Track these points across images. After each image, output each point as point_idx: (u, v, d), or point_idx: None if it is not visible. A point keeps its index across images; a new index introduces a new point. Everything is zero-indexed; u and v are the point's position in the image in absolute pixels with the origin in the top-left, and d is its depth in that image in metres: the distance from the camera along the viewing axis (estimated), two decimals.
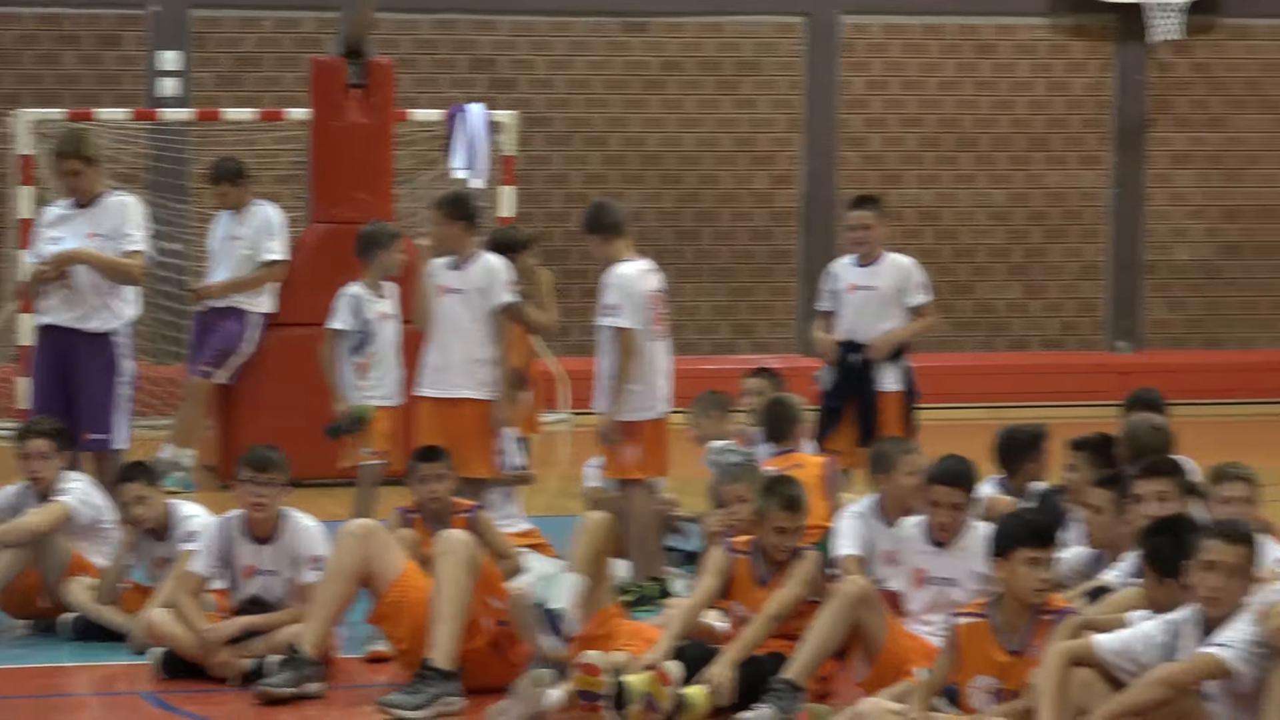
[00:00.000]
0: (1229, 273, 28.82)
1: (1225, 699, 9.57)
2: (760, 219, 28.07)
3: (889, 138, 28.27)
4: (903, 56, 28.23)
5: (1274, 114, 28.80)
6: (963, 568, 12.14)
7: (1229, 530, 9.87)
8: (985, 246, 28.37)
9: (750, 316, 28.06)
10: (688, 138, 27.90)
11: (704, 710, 11.58)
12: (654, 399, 15.12)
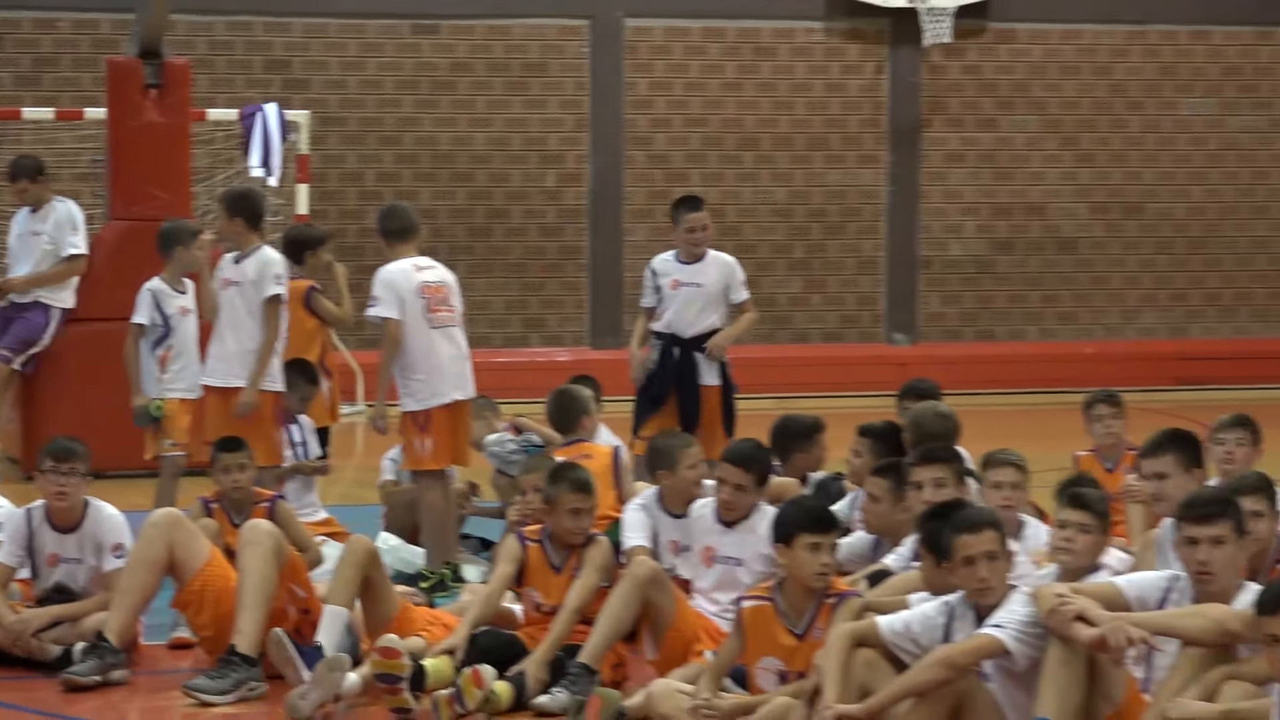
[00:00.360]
0: (1000, 268, 29.09)
1: (1001, 678, 9.67)
2: (550, 216, 28.11)
3: (673, 137, 28.34)
4: (685, 59, 28.30)
5: (1041, 114, 29.08)
6: (750, 548, 12.28)
7: (973, 521, 9.97)
8: (768, 243, 28.47)
9: (541, 310, 28.11)
10: (478, 137, 27.90)
11: (508, 703, 11.58)
12: (439, 387, 15.04)
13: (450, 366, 15.19)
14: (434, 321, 15.26)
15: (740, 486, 12.30)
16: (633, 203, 28.06)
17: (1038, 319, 29.41)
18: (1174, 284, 29.66)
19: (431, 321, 15.23)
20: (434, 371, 15.08)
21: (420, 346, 15.07)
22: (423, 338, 15.09)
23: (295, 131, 25.09)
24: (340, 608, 12.06)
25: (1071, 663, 9.37)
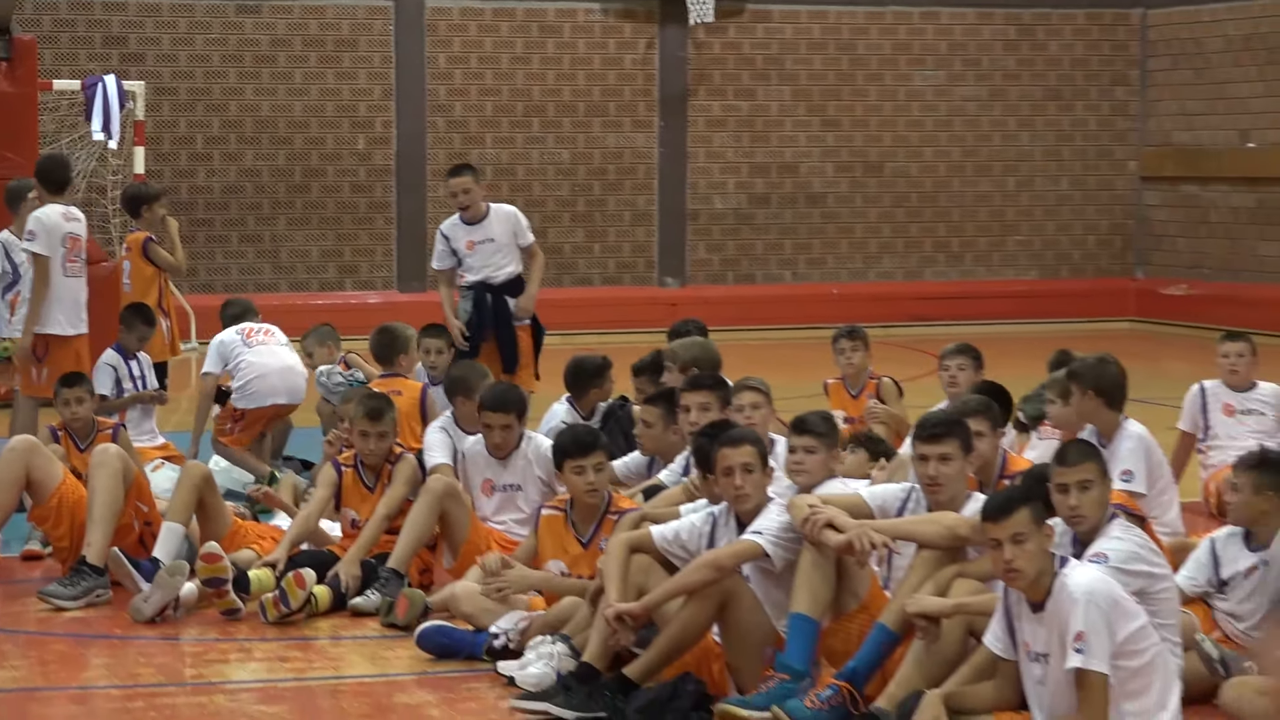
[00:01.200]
0: (758, 219, 29.22)
1: (760, 578, 9.75)
2: (360, 175, 28.02)
3: (469, 105, 28.28)
4: (479, 36, 28.23)
5: (793, 85, 29.20)
6: (526, 475, 12.29)
7: (734, 438, 10.05)
8: (553, 198, 28.52)
9: (354, 258, 28.02)
10: (296, 105, 27.77)
11: (327, 604, 11.61)
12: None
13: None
14: (68, 271, 15.33)
15: (507, 426, 12.34)
16: (434, 163, 27.97)
17: (791, 264, 29.56)
18: (909, 233, 29.92)
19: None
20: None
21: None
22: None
23: (132, 100, 24.89)
24: (177, 524, 12.02)
25: (822, 564, 9.45)
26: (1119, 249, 30.66)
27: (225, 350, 15.44)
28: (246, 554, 12.10)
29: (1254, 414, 14.56)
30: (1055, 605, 8.32)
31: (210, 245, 27.13)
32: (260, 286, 27.25)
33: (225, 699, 10.13)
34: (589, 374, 14.18)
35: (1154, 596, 8.86)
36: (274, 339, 15.65)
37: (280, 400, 15.34)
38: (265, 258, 27.72)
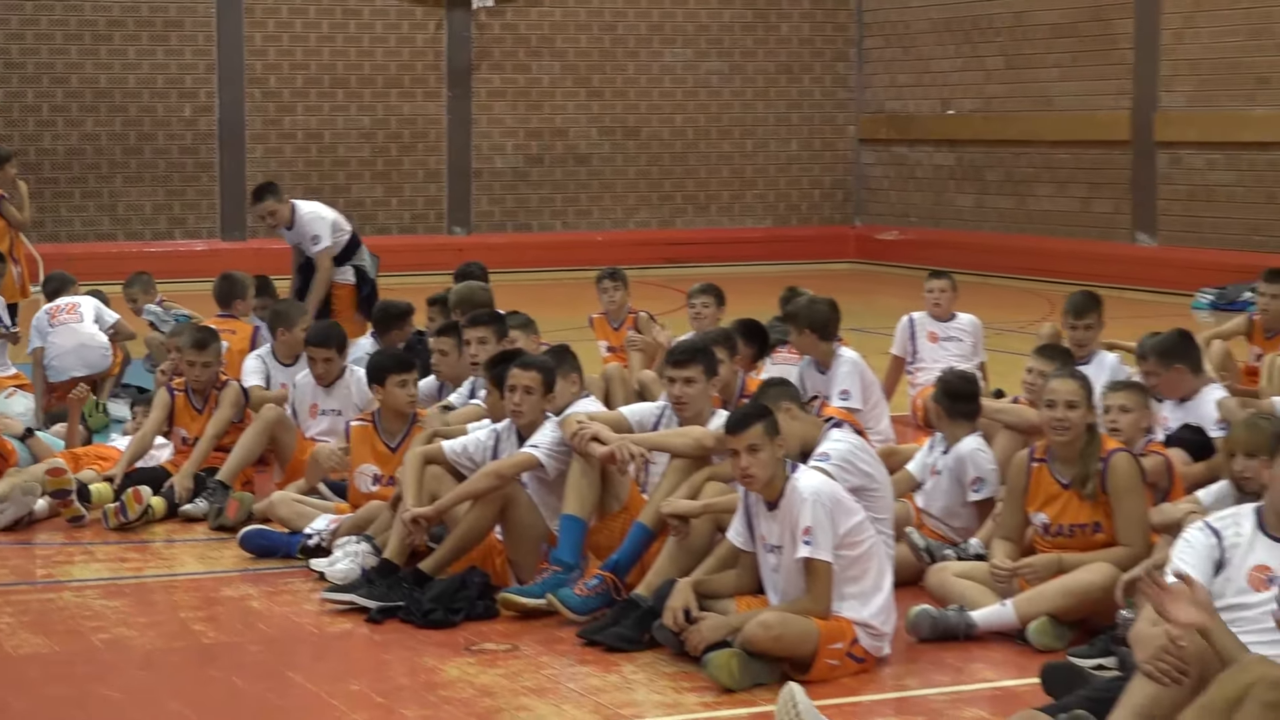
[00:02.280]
0: (533, 177, 29.19)
1: (537, 485, 9.82)
2: (188, 139, 27.63)
3: (282, 77, 27.98)
4: (290, 17, 27.93)
5: (562, 60, 29.16)
6: (346, 401, 12.24)
7: (524, 361, 10.13)
8: (356, 158, 28.33)
9: (182, 211, 27.67)
10: (130, 78, 27.36)
11: (162, 513, 11.57)
12: None
13: None
14: None
15: (328, 359, 12.29)
16: (252, 128, 27.73)
17: (561, 215, 29.54)
18: (662, 188, 29.98)
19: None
20: None
21: None
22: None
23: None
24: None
25: (589, 473, 9.52)
26: (840, 201, 30.94)
27: (39, 328, 15.20)
28: (88, 474, 12.02)
29: (954, 340, 14.76)
30: (787, 504, 8.39)
31: (56, 200, 26.71)
32: (100, 236, 27.01)
33: (72, 595, 10.06)
34: (394, 317, 14.14)
35: (870, 494, 8.96)
36: (75, 315, 15.33)
37: (78, 373, 15.01)
38: (104, 211, 27.31)
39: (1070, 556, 9.14)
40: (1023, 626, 8.93)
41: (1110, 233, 26.23)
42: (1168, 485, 9.93)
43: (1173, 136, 25.25)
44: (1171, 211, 25.37)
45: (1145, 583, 6.12)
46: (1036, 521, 9.36)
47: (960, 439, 10.35)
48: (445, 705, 8.06)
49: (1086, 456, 9.22)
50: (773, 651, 8.23)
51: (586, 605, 9.18)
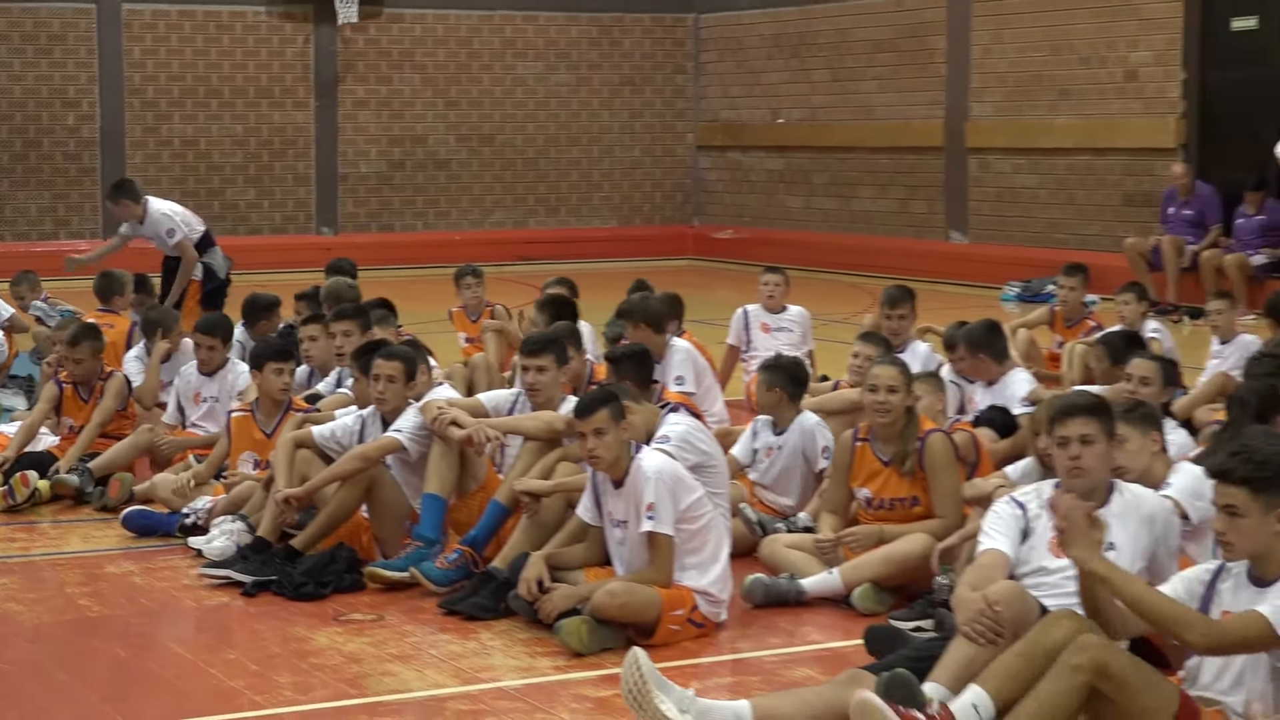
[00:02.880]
0: (396, 181, 29.05)
1: (400, 466, 9.80)
2: (71, 146, 27.26)
3: (160, 88, 27.67)
4: (167, 32, 27.68)
5: (422, 73, 29.05)
6: (223, 389, 12.13)
7: (387, 352, 10.11)
8: (230, 164, 28.10)
9: (66, 214, 27.30)
10: (16, 88, 27.08)
11: (48, 496, 11.45)
12: None
13: None
14: None
15: (213, 348, 12.20)
16: (131, 135, 27.44)
17: (422, 216, 29.41)
18: (516, 191, 29.93)
19: None
20: None
21: None
22: None
23: None
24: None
25: (448, 455, 9.50)
26: (679, 203, 31.01)
27: None
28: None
29: (785, 331, 14.83)
30: (632, 482, 8.42)
31: None
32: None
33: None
34: (261, 308, 14.05)
35: (708, 471, 9.00)
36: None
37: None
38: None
39: (891, 528, 9.22)
40: (848, 592, 8.99)
41: (926, 231, 26.47)
42: (975, 460, 10.04)
43: (982, 143, 25.51)
44: (981, 212, 25.62)
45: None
46: (860, 496, 9.44)
47: (792, 420, 10.41)
48: (315, 672, 8.02)
49: (905, 436, 9.31)
50: (619, 618, 8.26)
51: (447, 577, 9.16)
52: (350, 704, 7.58)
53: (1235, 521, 6.15)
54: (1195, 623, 6.13)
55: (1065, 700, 6.07)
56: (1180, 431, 9.86)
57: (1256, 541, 6.16)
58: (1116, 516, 7.12)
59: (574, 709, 7.47)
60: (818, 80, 28.34)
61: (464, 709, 7.50)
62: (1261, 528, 6.14)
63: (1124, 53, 23.39)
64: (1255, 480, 6.11)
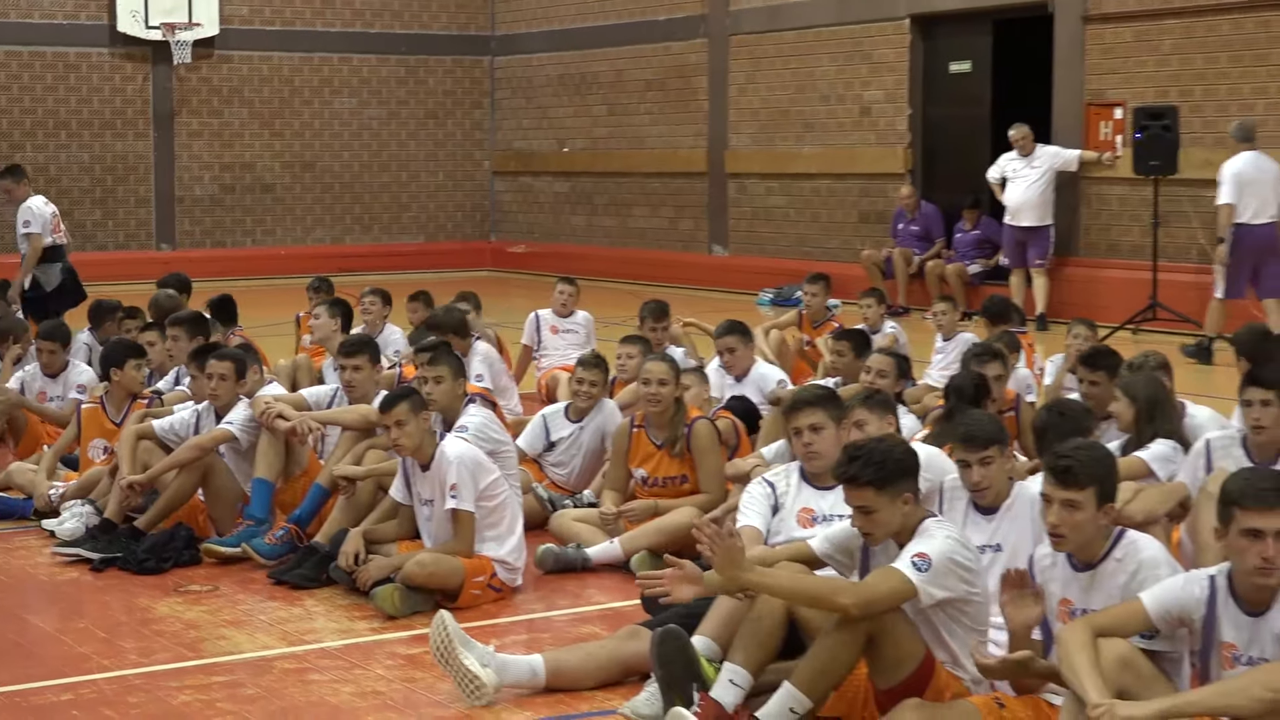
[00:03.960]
0: (227, 203, 28.63)
1: (232, 454, 9.70)
2: None
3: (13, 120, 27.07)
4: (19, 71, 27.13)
5: (249, 107, 28.66)
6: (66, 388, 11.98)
7: (220, 353, 10.04)
8: (78, 187, 27.28)
9: None
10: None
11: None
12: None
13: None
14: None
15: (53, 351, 12.05)
16: None
17: (251, 234, 28.95)
18: (334, 211, 29.62)
19: None
20: None
21: None
22: None
23: None
24: None
25: (275, 444, 9.45)
26: (478, 221, 30.92)
27: None
28: None
29: (572, 333, 14.80)
30: (437, 466, 8.41)
31: None
32: None
33: None
34: (105, 311, 13.80)
35: (502, 457, 9.00)
36: None
37: None
38: None
39: (664, 502, 9.30)
40: (627, 559, 9.05)
41: (692, 245, 26.64)
42: (735, 443, 10.14)
43: (739, 169, 25.73)
44: (739, 228, 25.84)
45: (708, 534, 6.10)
46: (637, 475, 9.50)
47: (587, 410, 10.45)
48: (157, 638, 7.92)
49: (675, 423, 9.40)
50: (427, 585, 8.25)
51: (275, 552, 9.10)
52: (189, 665, 7.49)
53: (870, 519, 6.20)
54: (844, 588, 6.10)
55: (845, 651, 6.05)
56: (910, 416, 10.03)
57: (892, 526, 6.22)
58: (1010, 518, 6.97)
59: (388, 665, 7.44)
60: (597, 114, 28.42)
61: (290, 667, 7.44)
62: (892, 513, 6.18)
63: (859, 92, 23.71)
64: (877, 480, 6.15)
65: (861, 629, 6.00)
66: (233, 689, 7.11)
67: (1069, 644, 5.43)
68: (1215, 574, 5.56)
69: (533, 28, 29.61)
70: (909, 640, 6.06)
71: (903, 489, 6.18)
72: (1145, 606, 5.55)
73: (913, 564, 6.02)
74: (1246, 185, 17.03)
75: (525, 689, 6.88)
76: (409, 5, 29.87)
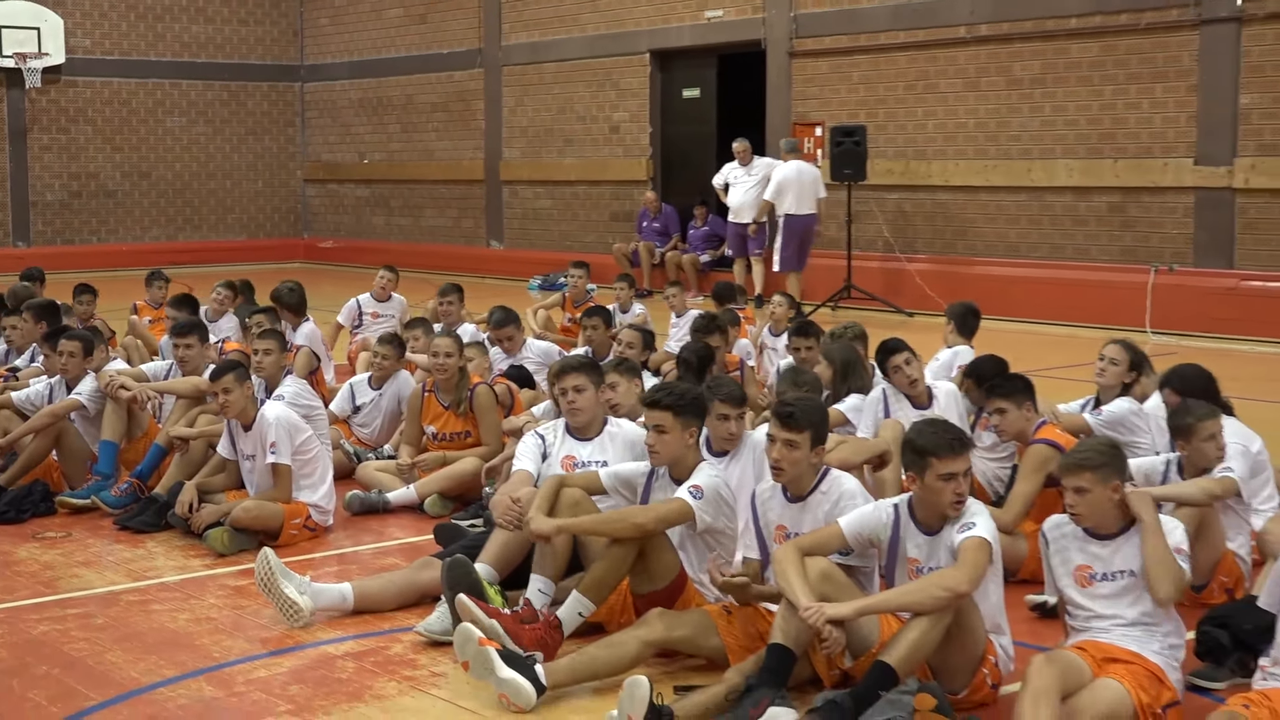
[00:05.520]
0: (75, 206, 27.72)
1: (81, 420, 9.41)
2: None
3: None
4: None
5: (92, 125, 27.80)
6: None
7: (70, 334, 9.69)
8: None
9: None
10: None
11: None
12: None
13: None
14: None
15: None
16: None
17: (97, 232, 28.07)
18: (168, 213, 28.81)
19: None
20: None
21: None
22: None
23: None
24: None
25: (119, 410, 9.22)
26: (292, 221, 30.37)
27: None
28: None
29: (388, 316, 14.43)
30: (258, 426, 8.27)
31: None
32: None
33: None
34: None
35: (314, 419, 8.87)
36: None
37: None
38: None
39: (451, 454, 9.24)
40: (421, 501, 8.99)
41: (473, 240, 26.52)
42: (510, 404, 10.12)
43: (512, 177, 25.68)
44: (512, 226, 25.79)
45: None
46: (428, 431, 9.42)
47: (384, 379, 10.33)
48: (18, 578, 7.64)
49: (460, 388, 9.36)
50: (252, 527, 8.10)
51: (120, 502, 8.85)
52: (46, 600, 7.25)
53: (661, 437, 6.30)
54: (636, 511, 6.19)
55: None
56: (654, 380, 10.11)
57: (676, 452, 6.32)
58: (608, 443, 7.24)
59: (219, 595, 7.29)
60: (392, 131, 28.11)
61: (134, 599, 7.25)
62: (679, 439, 6.30)
63: (609, 113, 23.80)
64: (675, 407, 6.28)
65: (634, 546, 6.09)
66: (85, 619, 6.90)
67: (782, 561, 5.53)
68: (898, 503, 5.64)
69: (336, 58, 29.15)
70: (669, 557, 6.18)
71: (691, 423, 6.32)
72: (842, 530, 5.66)
73: (690, 493, 6.17)
74: (790, 185, 19.01)
75: (336, 612, 6.81)
76: (230, 39, 29.20)
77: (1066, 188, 18.04)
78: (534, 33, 24.92)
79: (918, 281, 18.82)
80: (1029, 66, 18.34)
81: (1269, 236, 16.43)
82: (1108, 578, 5.37)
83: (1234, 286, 16.40)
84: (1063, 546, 5.49)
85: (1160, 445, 7.65)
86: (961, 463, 5.42)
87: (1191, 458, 6.66)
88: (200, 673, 6.08)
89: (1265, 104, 16.30)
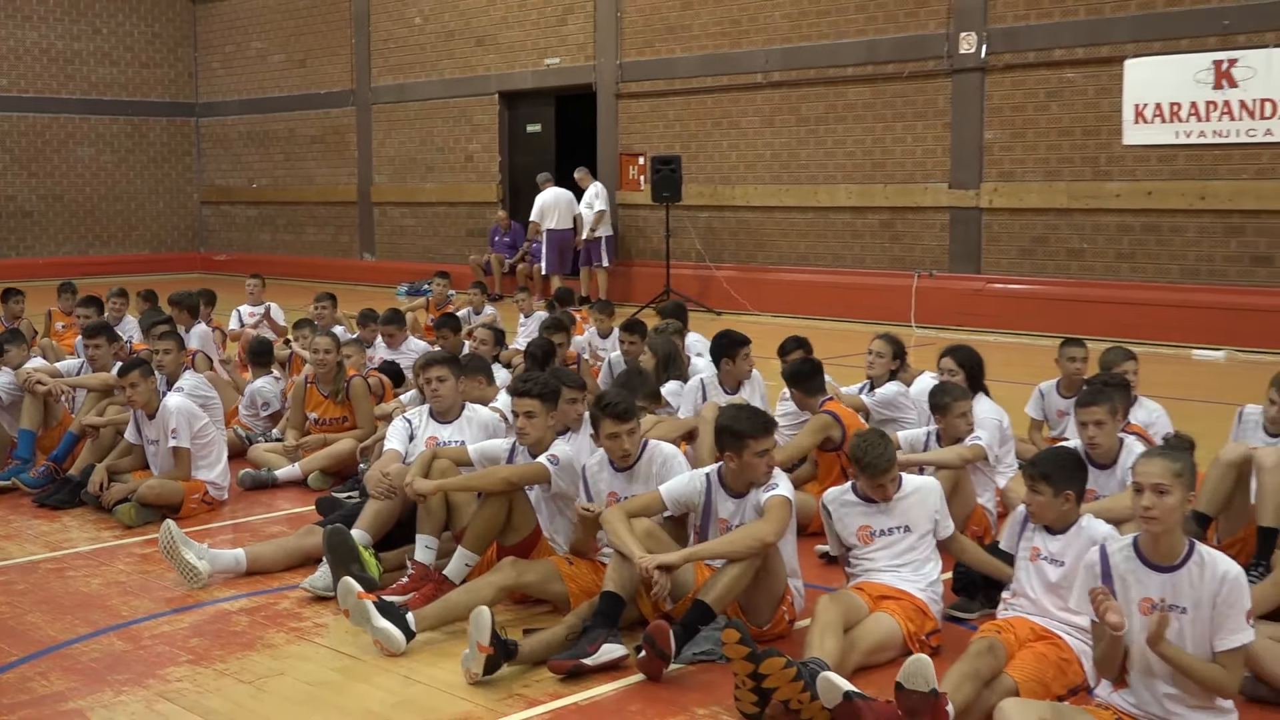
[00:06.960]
0: None
1: (2, 412, 8.98)
2: None
3: None
4: None
5: (10, 154, 26.75)
6: None
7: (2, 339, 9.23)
8: None
9: None
10: None
11: None
12: None
13: None
14: None
15: None
16: None
17: (15, 248, 26.98)
18: (79, 231, 27.85)
19: None
20: None
21: None
22: None
23: None
24: None
25: (35, 402, 8.89)
26: (190, 238, 29.55)
27: None
28: None
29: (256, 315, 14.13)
30: (161, 415, 8.05)
31: None
32: None
33: None
34: None
35: (210, 408, 8.62)
36: None
37: None
38: None
39: (330, 436, 9.08)
40: (305, 477, 8.83)
41: (349, 253, 26.11)
42: (382, 393, 9.99)
43: (381, 199, 25.33)
44: (382, 240, 25.45)
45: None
46: (311, 417, 9.25)
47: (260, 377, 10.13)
48: None
49: (337, 379, 9.20)
50: (156, 502, 7.87)
51: (38, 483, 8.53)
52: None
53: (530, 421, 6.25)
54: (497, 471, 6.10)
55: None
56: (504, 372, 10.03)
57: (542, 433, 6.25)
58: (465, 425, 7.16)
59: (127, 561, 7.08)
60: (277, 160, 27.52)
61: (52, 567, 7.00)
62: (544, 424, 6.23)
63: (465, 145, 23.62)
64: (541, 395, 6.23)
65: (503, 503, 6.03)
66: (6, 585, 6.65)
67: (613, 522, 5.55)
68: (709, 473, 5.68)
69: (228, 97, 28.44)
70: (529, 514, 6.14)
71: (552, 408, 6.25)
72: (662, 495, 5.70)
73: (549, 460, 6.12)
74: (550, 207, 19.91)
75: (231, 574, 6.66)
76: (133, 79, 28.31)
77: (845, 207, 18.41)
78: (399, 76, 24.62)
79: (725, 286, 19.07)
80: (814, 107, 18.67)
81: (1008, 247, 16.98)
82: (884, 533, 5.48)
83: (981, 288, 16.91)
84: (843, 515, 5.57)
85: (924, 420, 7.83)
86: (770, 440, 5.49)
87: (947, 430, 6.87)
88: (111, 629, 5.92)
89: (1004, 139, 16.82)
